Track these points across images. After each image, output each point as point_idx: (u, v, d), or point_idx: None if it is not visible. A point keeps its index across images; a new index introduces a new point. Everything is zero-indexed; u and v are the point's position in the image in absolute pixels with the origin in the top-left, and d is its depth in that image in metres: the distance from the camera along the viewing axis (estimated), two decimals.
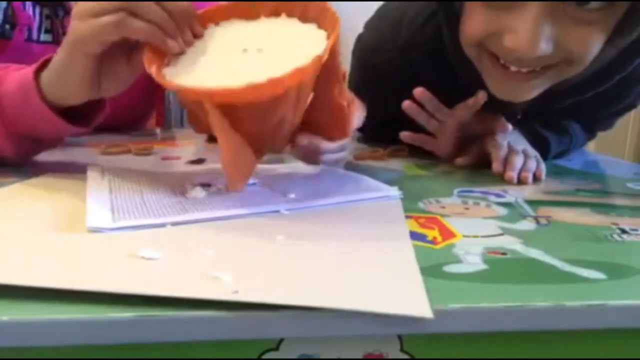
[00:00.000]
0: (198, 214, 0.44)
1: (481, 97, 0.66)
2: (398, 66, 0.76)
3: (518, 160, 0.65)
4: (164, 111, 1.15)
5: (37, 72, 0.52)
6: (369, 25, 0.85)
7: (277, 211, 0.46)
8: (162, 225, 0.42)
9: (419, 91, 0.69)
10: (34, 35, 0.83)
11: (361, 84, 0.81)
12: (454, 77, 0.70)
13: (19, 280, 0.31)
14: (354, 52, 0.86)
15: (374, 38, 0.82)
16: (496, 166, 0.65)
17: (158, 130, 0.97)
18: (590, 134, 0.88)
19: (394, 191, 0.53)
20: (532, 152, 0.69)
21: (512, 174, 0.63)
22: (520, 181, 0.62)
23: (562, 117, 0.79)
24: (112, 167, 0.58)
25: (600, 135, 0.91)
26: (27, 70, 0.53)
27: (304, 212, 0.47)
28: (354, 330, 0.30)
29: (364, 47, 0.83)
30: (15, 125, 0.55)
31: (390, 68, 0.77)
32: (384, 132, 0.79)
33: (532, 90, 0.63)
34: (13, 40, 0.82)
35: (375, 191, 0.53)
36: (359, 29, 0.89)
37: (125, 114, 0.91)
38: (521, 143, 0.70)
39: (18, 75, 0.54)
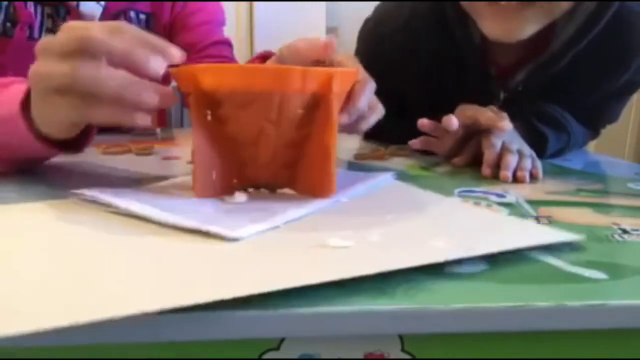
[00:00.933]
0: (296, 212, 0.44)
1: (505, 124, 0.67)
2: (403, 36, 0.80)
3: (512, 160, 0.65)
4: (164, 111, 1.15)
5: (25, 100, 0.48)
6: (377, 7, 0.90)
7: (338, 201, 0.49)
8: (277, 227, 0.41)
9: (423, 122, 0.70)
10: (36, 34, 0.83)
11: (366, 61, 0.84)
12: (456, 46, 0.74)
13: (251, 289, 0.29)
14: (361, 33, 0.90)
15: (379, 13, 0.87)
16: (486, 170, 0.65)
17: (158, 130, 0.97)
18: (594, 130, 0.88)
19: (389, 174, 0.60)
20: (528, 150, 0.69)
21: (507, 173, 0.63)
22: (517, 180, 0.62)
23: (565, 99, 0.79)
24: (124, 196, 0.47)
25: (600, 135, 0.91)
26: (14, 97, 0.48)
27: (357, 200, 0.50)
28: (355, 330, 0.30)
29: (370, 25, 0.88)
30: (2, 150, 0.53)
31: (395, 38, 0.81)
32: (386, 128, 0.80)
33: (524, 27, 0.65)
34: (14, 38, 0.82)
35: (375, 177, 0.58)
36: (358, 29, 0.90)
37: None
38: (517, 142, 0.70)
39: (7, 99, 0.49)
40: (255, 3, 2.84)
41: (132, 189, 0.50)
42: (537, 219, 0.48)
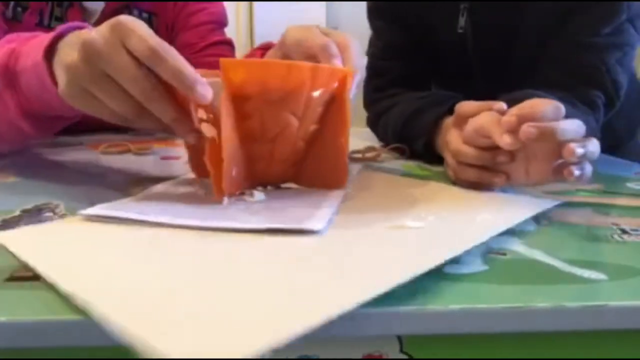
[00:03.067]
0: (334, 202, 0.47)
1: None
2: None
3: None
4: None
5: (49, 50, 0.48)
6: None
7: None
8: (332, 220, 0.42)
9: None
10: (45, 21, 0.84)
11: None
12: None
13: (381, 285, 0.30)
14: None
15: None
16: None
17: None
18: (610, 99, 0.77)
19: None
20: None
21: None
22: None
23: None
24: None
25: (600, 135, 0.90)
26: (40, 46, 0.49)
27: (364, 193, 0.53)
28: (354, 331, 0.30)
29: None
30: (31, 104, 0.53)
31: None
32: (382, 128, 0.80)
33: None
34: (23, 23, 0.82)
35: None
36: (358, 28, 0.90)
37: None
38: None
39: (34, 49, 0.50)
40: (255, 3, 2.84)
41: (153, 199, 0.48)
42: (537, 219, 0.47)
